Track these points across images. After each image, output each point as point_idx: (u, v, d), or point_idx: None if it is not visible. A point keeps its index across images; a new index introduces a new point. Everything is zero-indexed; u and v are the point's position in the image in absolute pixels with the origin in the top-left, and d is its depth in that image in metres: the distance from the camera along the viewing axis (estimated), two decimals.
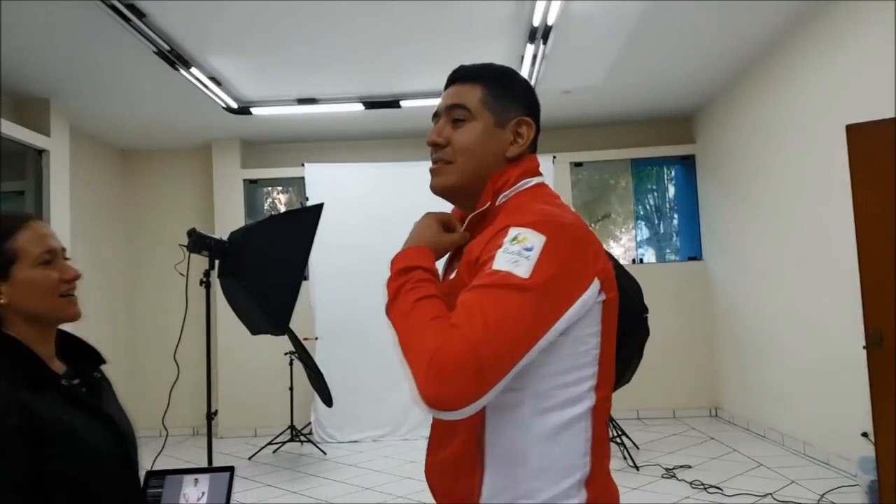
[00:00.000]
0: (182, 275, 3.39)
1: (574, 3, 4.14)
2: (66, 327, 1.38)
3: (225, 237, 3.53)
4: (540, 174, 1.22)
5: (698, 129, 6.85)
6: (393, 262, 1.12)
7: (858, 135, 3.02)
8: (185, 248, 3.40)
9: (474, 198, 1.17)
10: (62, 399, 1.26)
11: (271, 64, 5.11)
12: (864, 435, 3.96)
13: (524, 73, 5.29)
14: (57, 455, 1.19)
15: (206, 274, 3.42)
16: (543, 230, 1.00)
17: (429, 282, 1.05)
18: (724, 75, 5.70)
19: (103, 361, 1.45)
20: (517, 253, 0.98)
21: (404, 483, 4.74)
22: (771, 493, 4.00)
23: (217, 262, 3.46)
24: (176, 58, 4.72)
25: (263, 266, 3.26)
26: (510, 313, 0.94)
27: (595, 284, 1.02)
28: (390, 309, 1.05)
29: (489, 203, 1.15)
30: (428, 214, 1.22)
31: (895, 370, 2.90)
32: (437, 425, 1.16)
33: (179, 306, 3.54)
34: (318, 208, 3.44)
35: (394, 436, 6.16)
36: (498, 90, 1.19)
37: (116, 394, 1.48)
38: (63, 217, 5.57)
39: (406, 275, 1.06)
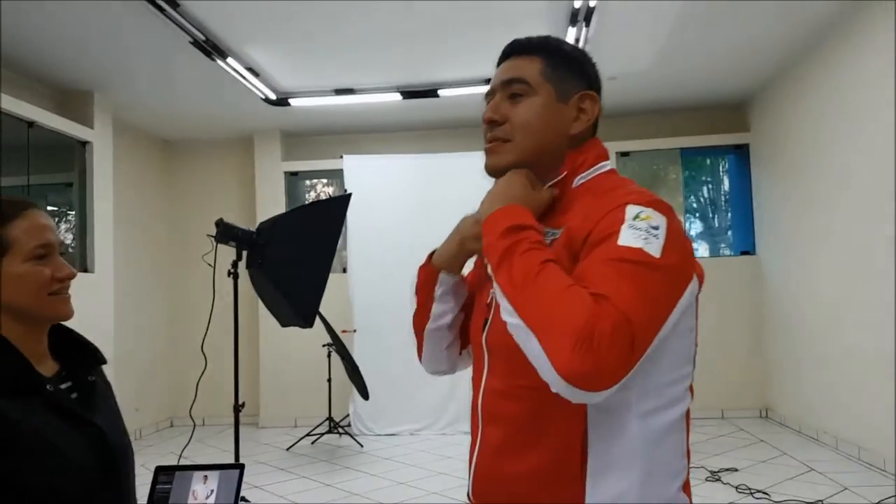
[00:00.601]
0: (209, 265, 3.37)
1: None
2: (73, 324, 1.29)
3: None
4: (606, 156, 1.13)
5: (753, 117, 6.53)
6: (489, 221, 1.00)
7: None
8: (212, 239, 3.38)
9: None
10: (44, 406, 1.14)
11: (307, 54, 5.08)
12: None
13: None
14: (30, 468, 1.08)
15: (234, 265, 3.40)
16: (663, 211, 0.94)
17: (545, 245, 0.95)
18: (780, 59, 5.40)
19: (102, 362, 1.32)
20: (646, 230, 0.91)
21: (439, 479, 4.67)
22: (821, 500, 3.76)
23: (245, 252, 3.44)
24: (212, 48, 4.73)
25: (289, 257, 3.22)
26: (650, 289, 0.87)
27: (695, 277, 0.97)
28: (500, 272, 0.93)
29: (564, 174, 1.08)
30: (514, 171, 1.08)
31: None
32: (508, 428, 1.02)
33: (221, 297, 3.54)
34: (346, 199, 3.38)
35: (431, 430, 6.10)
36: (558, 62, 1.11)
37: (114, 398, 1.35)
38: (106, 208, 5.67)
39: (518, 234, 0.94)
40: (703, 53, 5.26)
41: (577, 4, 4.21)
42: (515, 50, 1.14)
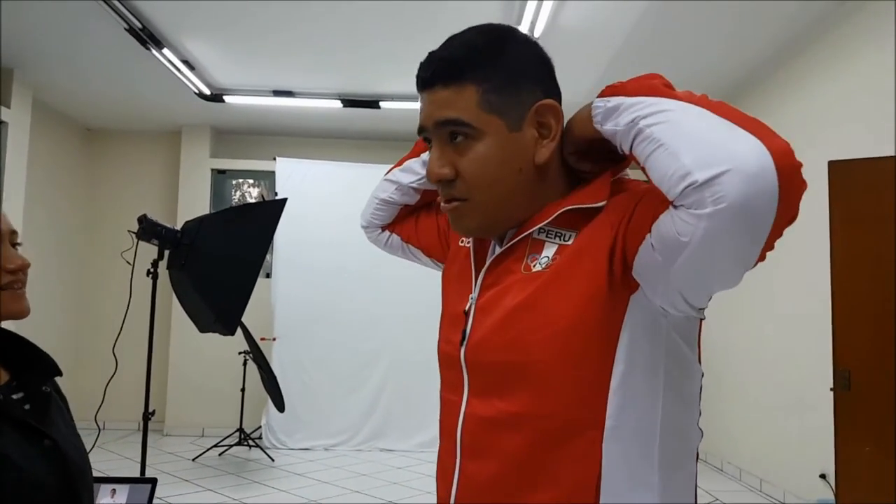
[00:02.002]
0: (129, 263, 3.20)
1: (563, 14, 4.05)
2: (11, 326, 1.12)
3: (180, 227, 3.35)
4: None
5: None
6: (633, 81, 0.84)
7: (840, 172, 2.95)
8: (133, 235, 3.21)
9: (511, 220, 0.92)
10: None
11: (249, 52, 4.95)
12: (822, 477, 3.90)
13: None
14: None
15: (154, 264, 3.23)
16: None
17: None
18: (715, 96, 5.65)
19: (57, 373, 1.15)
20: None
21: (353, 497, 4.56)
22: None
23: (167, 252, 3.28)
24: (148, 37, 4.53)
25: (216, 260, 3.08)
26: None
27: None
28: (679, 94, 0.79)
29: (604, 202, 0.86)
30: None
31: (861, 415, 2.83)
32: (502, 464, 0.86)
33: (136, 297, 3.35)
34: (281, 204, 3.28)
35: (347, 445, 5.97)
36: (498, 83, 0.87)
37: (69, 413, 1.20)
38: (17, 193, 5.31)
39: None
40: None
41: (523, 31, 4.27)
42: (439, 77, 0.89)
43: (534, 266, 0.88)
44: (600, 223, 0.84)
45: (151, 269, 3.25)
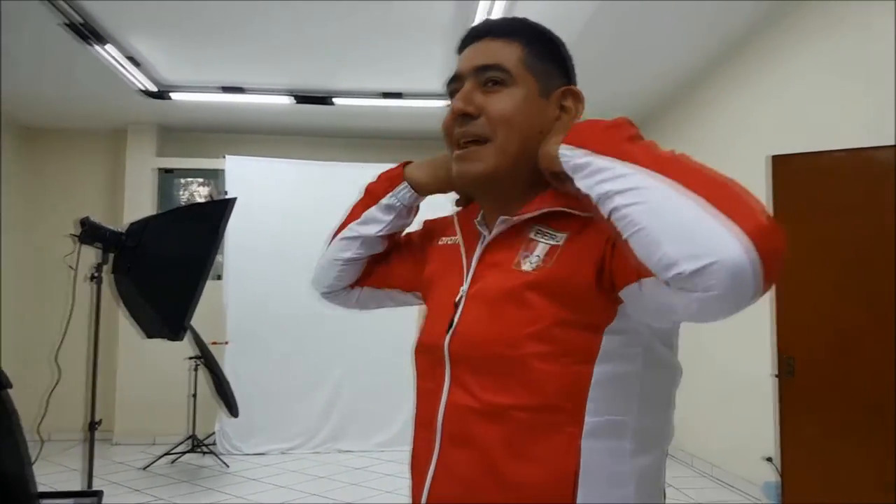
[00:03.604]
0: (71, 268, 3.09)
1: (515, 13, 4.07)
2: None
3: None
4: None
5: None
6: (577, 128, 0.83)
7: (782, 166, 3.04)
8: (75, 239, 3.10)
9: (511, 187, 0.93)
10: None
11: (197, 47, 4.83)
12: (769, 460, 4.02)
13: None
14: None
15: (98, 268, 3.13)
16: None
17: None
18: (652, 102, 5.78)
19: (6, 385, 1.12)
20: None
21: (310, 500, 4.50)
22: None
23: (112, 256, 3.18)
24: (90, 32, 4.38)
25: (162, 263, 3.00)
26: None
27: None
28: (634, 149, 0.77)
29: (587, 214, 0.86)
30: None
31: (804, 400, 2.92)
32: (482, 454, 0.86)
33: (79, 302, 3.23)
34: (230, 203, 3.20)
35: (304, 448, 5.89)
36: (542, 50, 0.94)
37: (18, 426, 1.15)
38: None
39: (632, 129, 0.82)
40: (585, 87, 5.49)
41: None
42: (491, 31, 0.95)
43: (524, 264, 0.89)
44: (592, 230, 0.85)
45: (95, 274, 3.14)
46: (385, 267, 1.21)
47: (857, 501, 2.79)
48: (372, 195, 1.13)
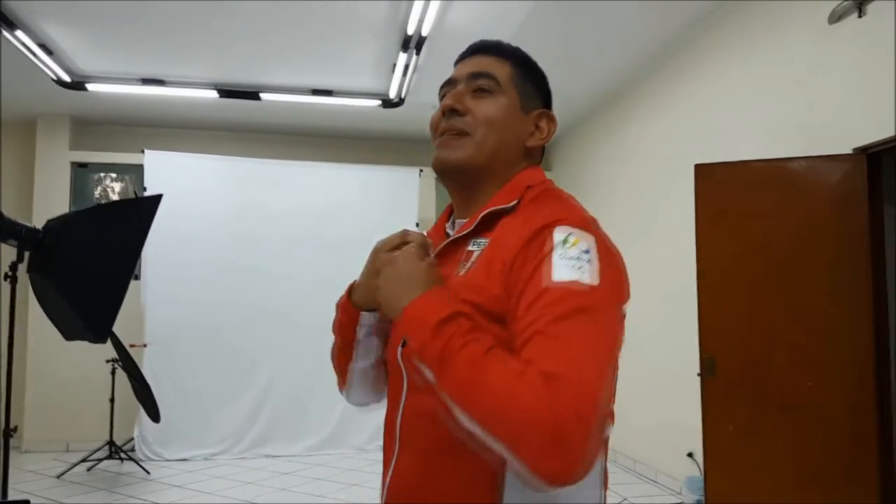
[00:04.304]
0: None
1: (449, 14, 4.09)
2: None
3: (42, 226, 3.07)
4: (547, 179, 1.07)
5: (554, 159, 7.09)
6: (409, 320, 0.87)
7: (705, 173, 3.19)
8: None
9: (483, 184, 1.03)
10: None
11: (115, 36, 4.61)
12: (690, 455, 4.21)
13: (395, 83, 5.18)
14: None
15: (13, 267, 2.95)
16: (591, 230, 0.90)
17: (480, 329, 0.83)
18: (580, 110, 5.96)
19: None
20: (577, 258, 0.85)
21: None
22: None
23: (28, 254, 3.00)
24: None
25: (84, 262, 2.85)
26: (602, 335, 0.83)
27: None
28: (443, 378, 0.81)
29: (516, 201, 0.99)
30: (408, 250, 0.96)
31: (726, 397, 3.08)
32: (426, 452, 0.93)
33: None
34: (156, 200, 3.07)
35: (229, 454, 5.73)
36: (527, 73, 1.09)
37: None
38: None
39: (449, 327, 0.82)
40: None
41: (410, 31, 4.28)
42: (487, 48, 1.09)
43: (461, 271, 0.97)
44: (509, 229, 0.94)
45: (10, 273, 2.96)
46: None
47: (776, 495, 2.96)
48: (344, 331, 1.14)
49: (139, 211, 3.08)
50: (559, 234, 0.87)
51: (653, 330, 4.82)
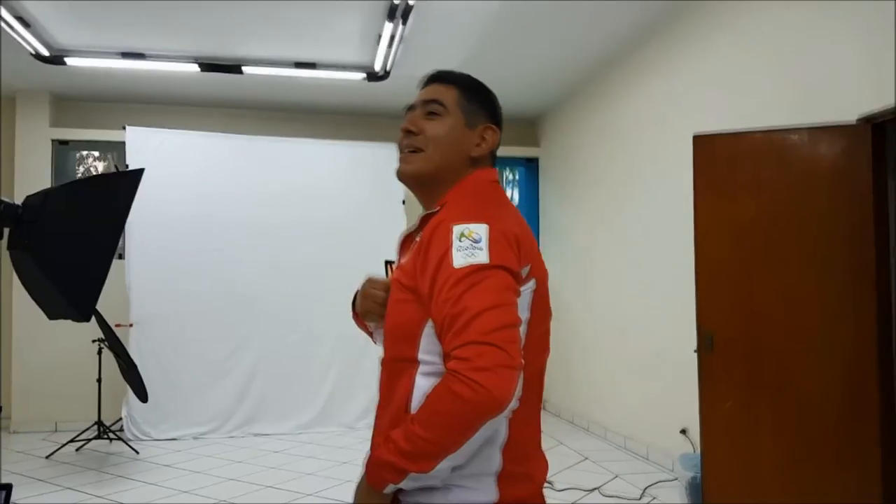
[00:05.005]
0: None
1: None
2: None
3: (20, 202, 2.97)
4: (495, 181, 1.31)
5: (542, 133, 7.02)
6: (371, 480, 1.13)
7: (704, 145, 3.13)
8: None
9: (436, 189, 1.28)
10: None
11: (92, 8, 4.46)
12: (683, 432, 4.21)
13: (380, 55, 5.07)
14: None
15: None
16: (484, 221, 1.11)
17: (390, 438, 1.09)
18: (569, 81, 5.87)
19: None
20: (469, 247, 1.08)
21: (226, 485, 4.35)
22: (597, 488, 4.12)
23: (7, 231, 2.90)
24: None
25: (65, 239, 2.74)
26: (492, 295, 1.05)
27: (527, 270, 1.14)
28: (416, 464, 1.06)
29: (444, 206, 1.23)
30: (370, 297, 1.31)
31: (723, 373, 3.05)
32: (382, 393, 1.25)
33: None
34: (137, 174, 2.93)
35: (218, 433, 5.68)
36: (471, 95, 1.32)
37: None
38: None
39: (386, 460, 1.09)
40: (501, 71, 5.52)
41: (396, 1, 4.17)
42: (439, 78, 1.34)
43: (407, 257, 1.25)
44: (430, 226, 1.18)
45: None
46: None
47: (774, 473, 2.94)
48: (359, 326, 1.44)
49: (121, 185, 2.99)
50: (457, 230, 1.10)
51: (645, 305, 4.80)
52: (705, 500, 3.09)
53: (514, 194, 7.42)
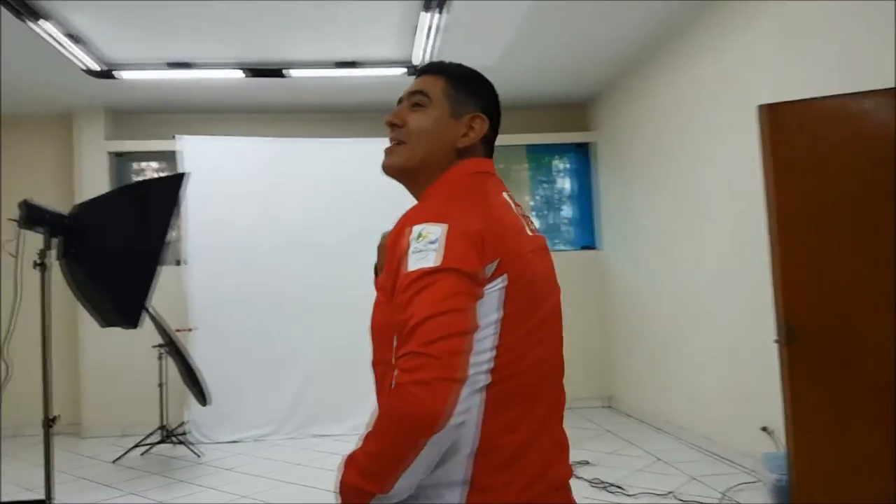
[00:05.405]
0: (11, 255, 2.83)
1: None
2: None
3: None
4: (478, 172, 1.23)
5: (595, 117, 6.76)
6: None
7: (773, 115, 2.86)
8: (15, 223, 2.83)
9: (420, 182, 1.25)
10: None
11: (138, 20, 4.49)
12: (765, 429, 3.91)
13: (419, 45, 4.94)
14: None
15: (42, 254, 2.86)
16: (443, 220, 1.06)
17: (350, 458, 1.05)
18: (622, 61, 5.60)
19: None
20: (423, 249, 1.03)
21: (288, 490, 4.31)
22: (672, 492, 3.87)
23: (58, 240, 2.91)
24: (22, 7, 4.05)
25: (112, 245, 2.74)
26: (440, 299, 0.98)
27: (493, 267, 1.06)
28: (377, 483, 1.00)
29: (421, 200, 1.23)
30: None
31: (811, 367, 2.77)
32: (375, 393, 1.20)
33: (31, 292, 2.97)
34: (180, 179, 2.94)
35: (278, 435, 5.69)
36: (459, 85, 1.27)
37: None
38: None
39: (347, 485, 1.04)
40: (548, 54, 5.33)
41: None
42: (426, 69, 1.31)
43: None
44: (397, 225, 1.12)
45: (39, 261, 2.87)
46: None
47: (872, 476, 2.66)
48: None
49: (164, 190, 2.97)
50: (415, 230, 1.06)
51: (720, 293, 4.50)
52: (793, 503, 2.83)
53: (564, 183, 7.18)
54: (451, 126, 1.24)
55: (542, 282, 1.16)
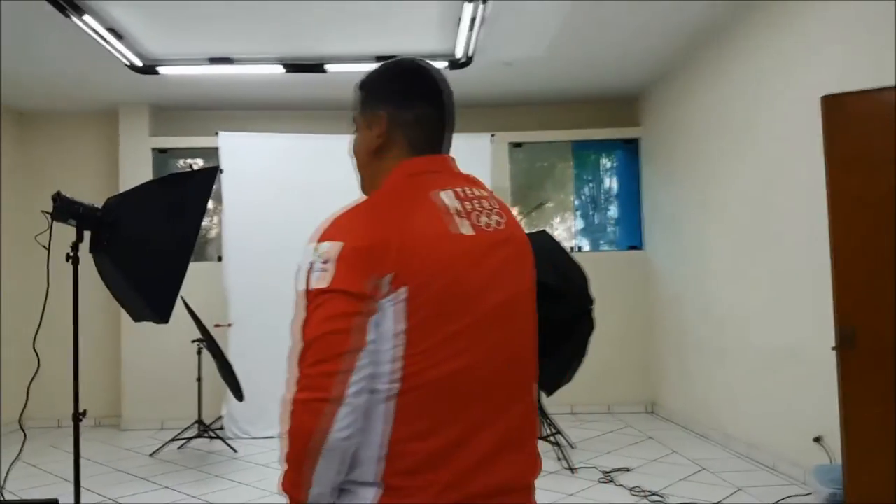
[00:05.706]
0: (44, 247, 2.82)
1: None
2: None
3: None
4: (425, 171, 1.16)
5: (644, 112, 6.54)
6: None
7: (835, 108, 2.67)
8: (48, 216, 2.83)
9: (365, 188, 1.26)
10: None
11: (178, 16, 4.50)
12: (817, 440, 3.70)
13: (461, 40, 4.82)
14: None
15: (74, 247, 2.85)
16: (339, 238, 1.04)
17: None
18: (672, 55, 5.39)
19: None
20: (319, 269, 1.03)
21: None
22: (718, 503, 3.68)
23: (89, 233, 2.90)
24: (66, 3, 4.09)
25: (141, 240, 2.71)
26: (320, 322, 1.02)
27: (388, 280, 1.01)
28: (299, 490, 1.04)
29: None
30: None
31: (869, 373, 2.58)
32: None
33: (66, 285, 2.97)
34: (212, 172, 2.91)
35: None
36: (367, 93, 1.23)
37: None
38: None
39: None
40: (595, 45, 5.17)
41: None
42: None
43: None
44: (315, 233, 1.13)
45: (71, 253, 2.86)
46: None
47: None
48: None
49: (195, 184, 2.93)
50: (310, 249, 1.06)
51: (771, 296, 4.28)
52: None
53: (611, 182, 6.97)
54: (366, 137, 1.21)
55: (472, 285, 1.08)
